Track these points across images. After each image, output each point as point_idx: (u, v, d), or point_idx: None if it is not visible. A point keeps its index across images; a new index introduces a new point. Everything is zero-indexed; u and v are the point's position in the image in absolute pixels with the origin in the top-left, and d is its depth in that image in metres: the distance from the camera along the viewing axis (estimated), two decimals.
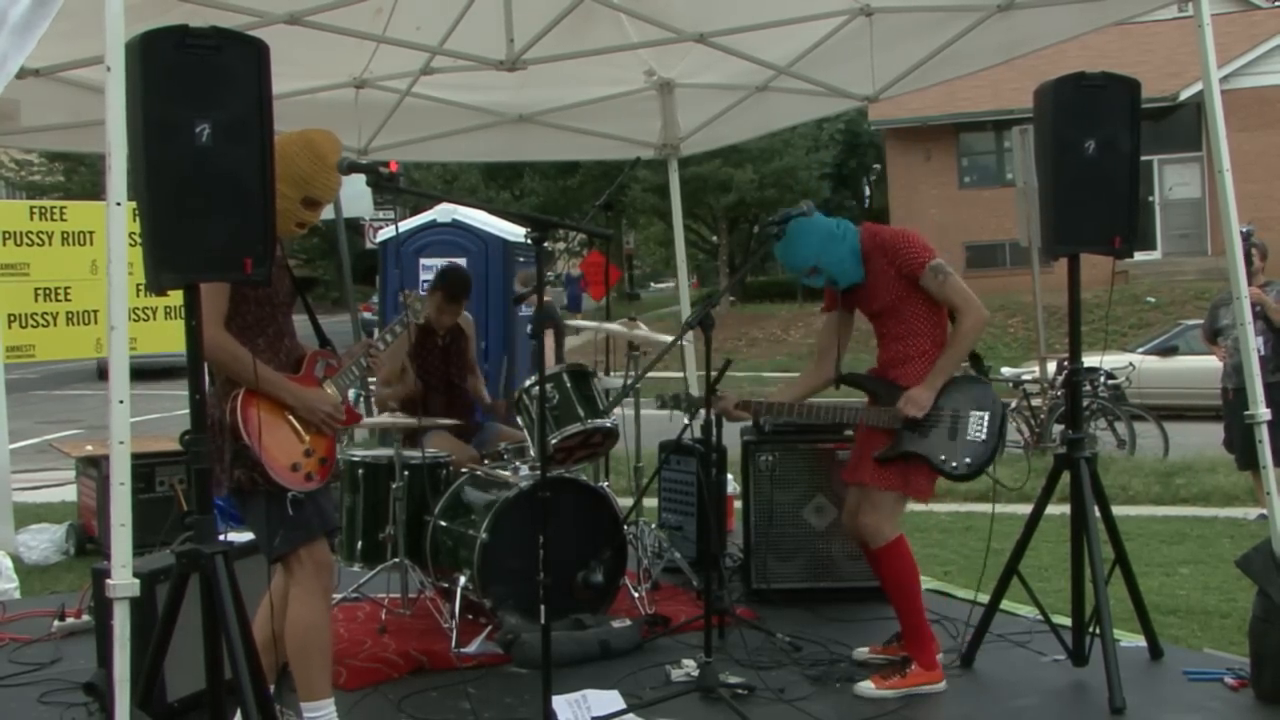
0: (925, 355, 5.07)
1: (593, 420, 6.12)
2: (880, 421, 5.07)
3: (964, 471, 5.02)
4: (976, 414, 5.02)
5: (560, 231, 7.09)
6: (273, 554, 4.21)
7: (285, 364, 4.28)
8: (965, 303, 4.99)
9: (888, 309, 5.11)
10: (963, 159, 31.79)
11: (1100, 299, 19.91)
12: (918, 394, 5.00)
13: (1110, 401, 13.36)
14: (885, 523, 5.07)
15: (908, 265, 5.01)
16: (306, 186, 4.20)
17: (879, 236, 5.14)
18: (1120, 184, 4.95)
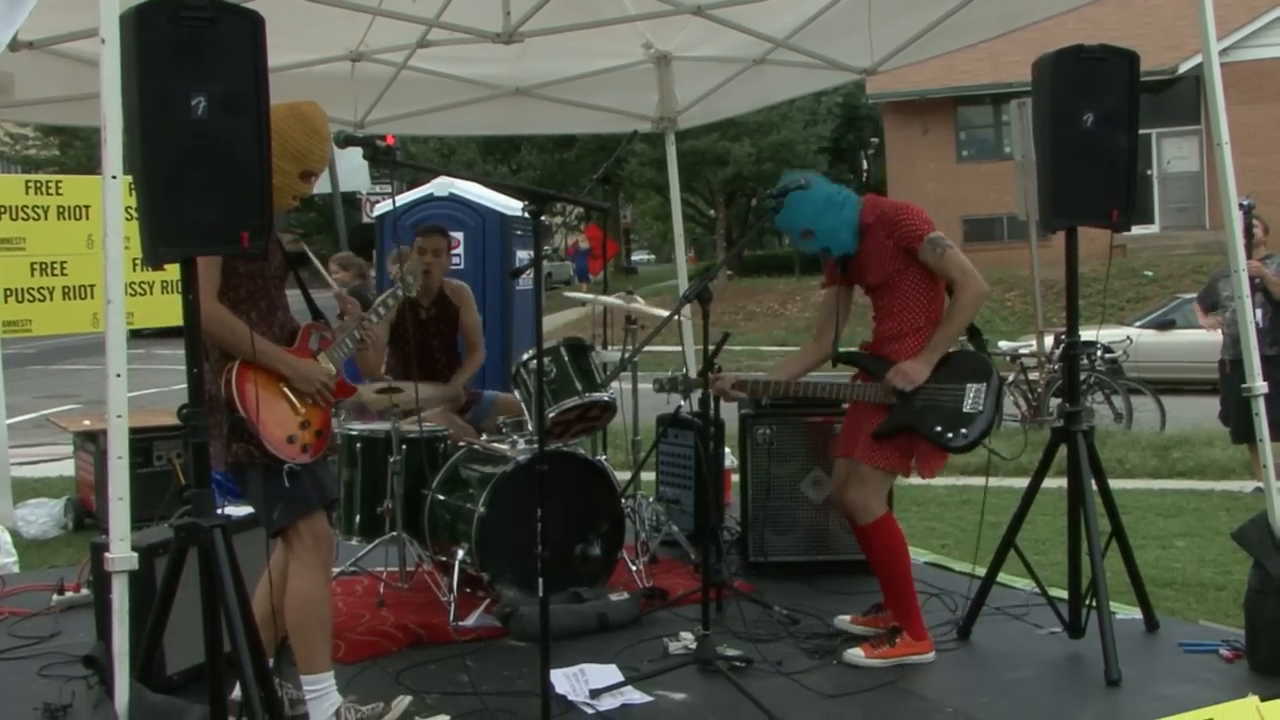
0: (920, 331, 5.06)
1: (590, 394, 6.12)
2: (873, 397, 5.05)
3: (961, 444, 5.01)
4: (974, 386, 5.01)
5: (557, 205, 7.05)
6: (272, 527, 4.21)
7: (279, 338, 4.28)
8: (964, 276, 4.97)
9: (885, 283, 5.10)
10: (961, 132, 31.74)
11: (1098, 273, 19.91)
12: (909, 366, 4.99)
13: (1107, 375, 13.39)
14: (872, 498, 5.07)
15: (906, 237, 5.00)
16: (304, 160, 4.21)
17: (879, 208, 5.13)
18: (1119, 157, 4.94)
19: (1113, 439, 11.79)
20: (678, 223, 8.86)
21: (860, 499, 5.07)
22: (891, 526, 5.11)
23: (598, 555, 5.91)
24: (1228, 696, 4.34)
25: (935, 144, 31.36)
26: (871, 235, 5.09)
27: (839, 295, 5.36)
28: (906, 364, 5.00)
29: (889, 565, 5.12)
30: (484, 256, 11.29)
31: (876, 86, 29.24)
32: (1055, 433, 5.15)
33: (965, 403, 5.00)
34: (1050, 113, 4.91)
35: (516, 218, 11.25)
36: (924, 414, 5.00)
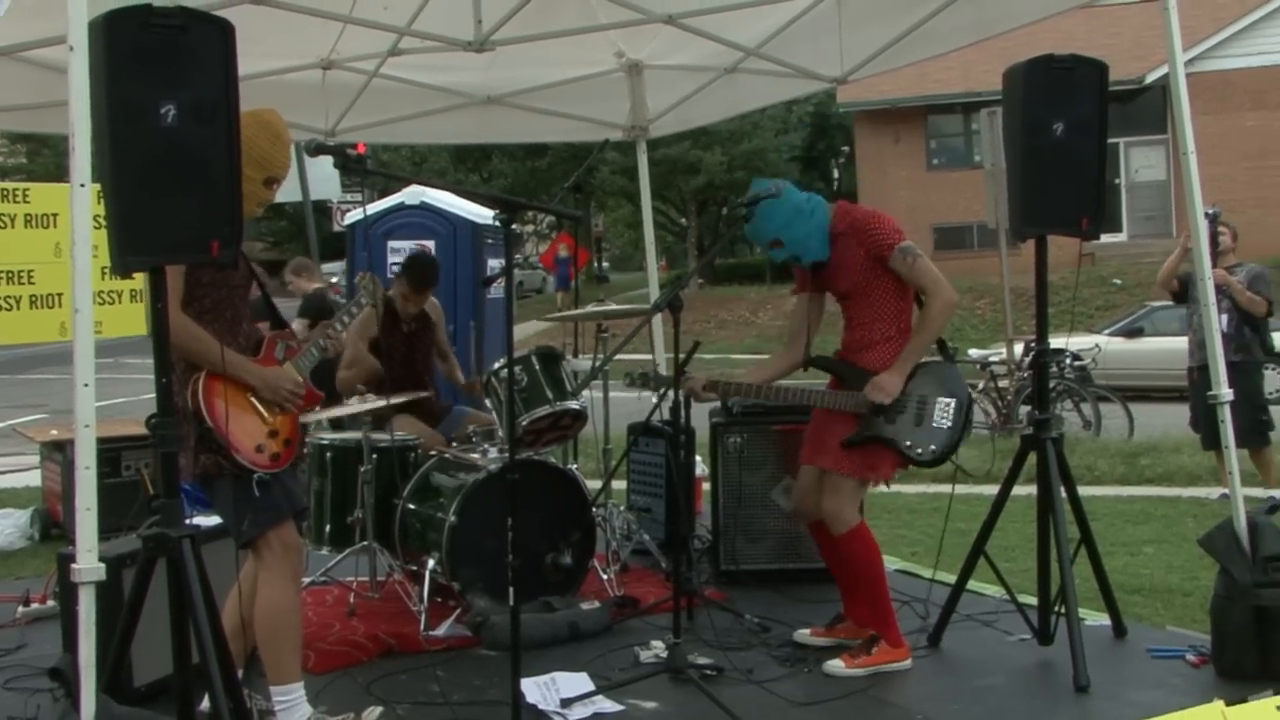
0: (890, 340, 5.07)
1: (561, 402, 6.11)
2: (846, 405, 5.07)
3: (929, 458, 5.04)
4: (943, 400, 5.04)
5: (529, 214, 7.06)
6: (241, 538, 4.20)
7: (244, 348, 4.28)
8: (934, 285, 4.99)
9: (855, 290, 5.11)
10: (931, 141, 31.88)
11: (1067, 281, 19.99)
12: (885, 380, 5.01)
13: (1076, 383, 13.45)
14: (847, 507, 5.07)
15: (877, 246, 5.01)
16: (269, 166, 4.21)
17: (851, 216, 5.13)
18: (1088, 166, 4.97)
19: (1082, 446, 11.85)
20: (649, 231, 8.87)
21: (835, 508, 5.07)
22: (866, 535, 5.12)
23: (569, 564, 5.90)
24: (1194, 701, 4.36)
25: (906, 152, 31.49)
26: (843, 243, 5.10)
27: (810, 302, 5.37)
28: (882, 377, 5.01)
29: (865, 574, 5.13)
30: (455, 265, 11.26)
31: (847, 95, 29.40)
32: (1025, 440, 5.18)
33: (934, 416, 5.03)
34: (1020, 122, 4.94)
35: (488, 226, 11.24)
36: (893, 426, 5.03)
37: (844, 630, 5.39)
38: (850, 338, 5.18)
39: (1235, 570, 4.84)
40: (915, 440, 5.01)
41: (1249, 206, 25.32)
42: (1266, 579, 4.78)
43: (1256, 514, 4.95)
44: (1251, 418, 8.92)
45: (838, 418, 5.11)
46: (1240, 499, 4.92)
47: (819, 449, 5.19)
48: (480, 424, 6.70)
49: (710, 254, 29.80)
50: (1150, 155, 29.52)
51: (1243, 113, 27.70)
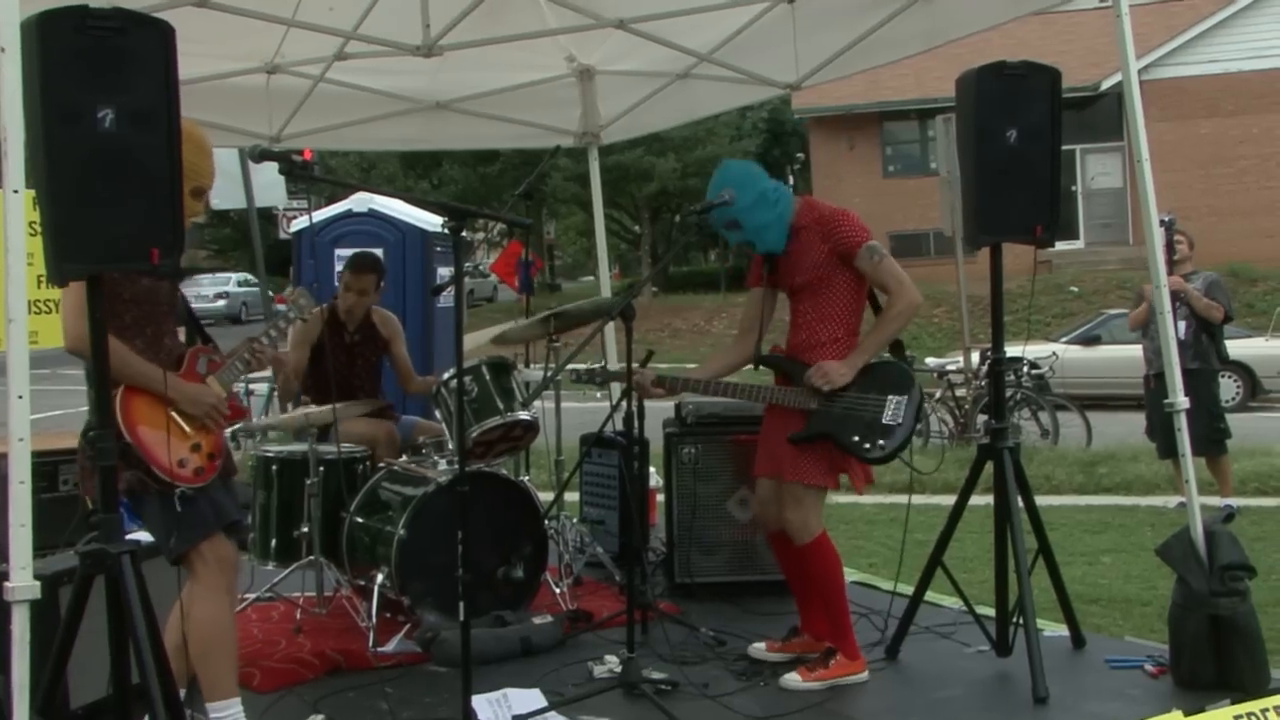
0: (837, 342, 5.07)
1: (512, 413, 6.09)
2: (792, 401, 5.05)
3: (878, 455, 5.03)
4: (895, 398, 5.04)
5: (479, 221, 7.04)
6: (170, 554, 4.16)
7: (166, 364, 4.22)
8: (899, 285, 5.00)
9: (810, 286, 5.09)
10: (887, 148, 32.09)
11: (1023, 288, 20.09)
12: (830, 366, 4.98)
13: (1034, 391, 13.55)
14: (810, 517, 5.06)
15: (844, 242, 5.01)
16: (195, 177, 4.15)
17: (818, 210, 5.14)
18: (1042, 173, 5.01)
19: (1039, 455, 11.93)
20: (601, 239, 8.87)
21: (799, 519, 5.05)
22: (829, 545, 5.12)
23: (521, 578, 5.88)
24: (1153, 711, 4.41)
25: (861, 159, 31.68)
26: (805, 237, 5.10)
27: (764, 297, 5.36)
28: (828, 363, 5.00)
29: (826, 585, 5.13)
30: (404, 273, 11.20)
31: (802, 101, 29.51)
32: (982, 449, 5.21)
33: (885, 414, 5.03)
34: (973, 129, 4.98)
35: (437, 234, 11.18)
36: (842, 422, 5.01)
37: (800, 644, 5.39)
38: (797, 338, 5.17)
39: (1192, 579, 4.88)
40: (864, 436, 5.00)
41: (1203, 214, 25.68)
42: (1223, 588, 4.82)
43: (1213, 522, 4.99)
44: (1208, 425, 9.02)
45: (786, 421, 5.10)
46: (1197, 507, 4.97)
47: (776, 460, 5.18)
48: (430, 435, 6.66)
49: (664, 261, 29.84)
50: (1106, 162, 29.84)
51: (1196, 120, 28.08)
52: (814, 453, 5.05)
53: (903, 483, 9.89)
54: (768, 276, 5.29)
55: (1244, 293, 24.25)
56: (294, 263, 11.93)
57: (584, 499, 7.45)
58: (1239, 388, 17.12)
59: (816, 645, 5.30)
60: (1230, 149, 28.11)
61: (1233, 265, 24.09)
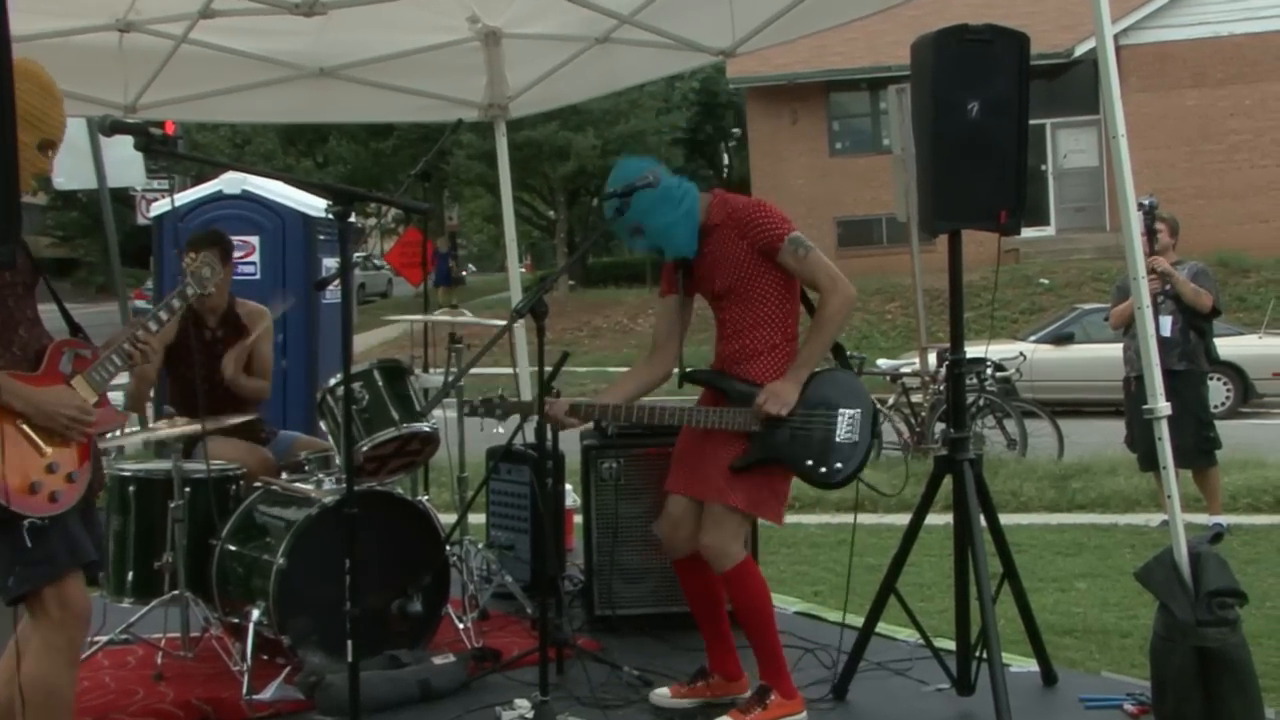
0: (775, 349, 5.10)
1: (408, 424, 6.07)
2: (734, 424, 5.06)
3: (837, 479, 5.06)
4: (847, 412, 5.06)
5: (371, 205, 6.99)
6: (7, 594, 3.94)
7: (21, 359, 4.01)
8: (830, 281, 5.01)
9: (733, 291, 5.12)
10: (834, 122, 32.32)
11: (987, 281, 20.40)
12: (781, 388, 5.01)
13: (999, 396, 13.68)
14: (731, 541, 5.06)
15: (764, 237, 5.03)
16: (42, 125, 3.98)
17: (730, 205, 5.16)
18: (1007, 151, 5.08)
19: (1005, 468, 12.07)
20: (510, 225, 8.85)
21: (719, 543, 5.05)
22: (754, 572, 5.15)
23: (419, 612, 5.86)
24: None
25: (805, 135, 31.88)
26: (719, 236, 5.12)
27: (679, 305, 5.37)
28: (777, 385, 5.02)
29: (753, 616, 5.15)
30: (284, 265, 11.13)
31: (738, 70, 29.66)
32: (940, 462, 5.26)
33: (838, 430, 5.05)
34: (931, 101, 5.03)
35: (322, 220, 11.12)
36: (792, 444, 5.03)
37: (711, 687, 5.40)
38: (728, 348, 5.19)
39: (1176, 607, 4.95)
40: (820, 458, 5.03)
41: (1189, 196, 26.11)
42: (1210, 617, 4.88)
43: (1199, 543, 5.05)
44: (1195, 434, 9.12)
45: (718, 439, 5.10)
46: (1181, 526, 5.04)
47: (696, 477, 5.17)
48: (314, 450, 6.63)
49: (581, 251, 29.84)
50: (1080, 138, 30.20)
51: (1182, 90, 28.44)
52: (752, 477, 5.06)
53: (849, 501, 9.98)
54: (682, 282, 5.30)
55: (1234, 285, 24.64)
56: (154, 253, 11.81)
57: (491, 521, 7.44)
58: (1229, 391, 17.40)
59: (729, 686, 5.35)
60: (1219, 123, 28.49)
61: (1221, 254, 24.46)
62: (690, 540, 5.20)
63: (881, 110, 28.73)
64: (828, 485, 5.14)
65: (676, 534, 5.30)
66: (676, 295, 5.34)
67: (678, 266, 5.27)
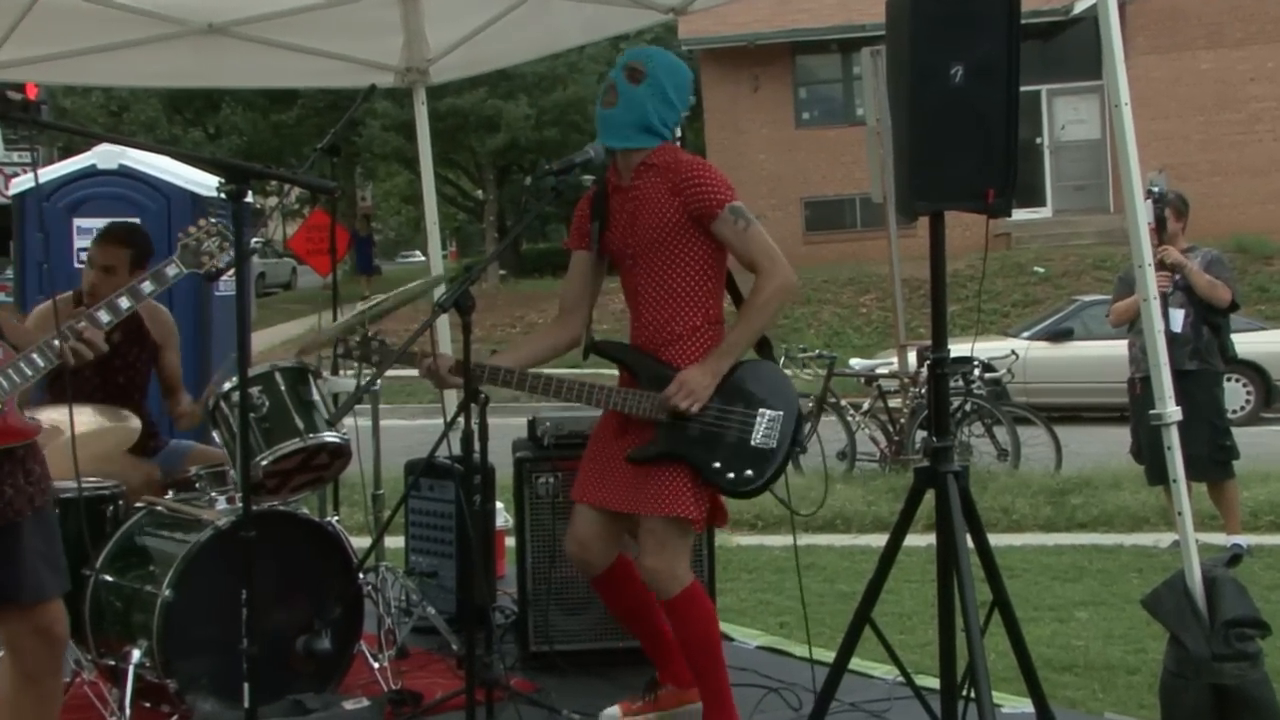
0: (698, 333, 5.10)
1: (314, 434, 6.06)
2: (640, 408, 5.06)
3: (746, 488, 5.06)
4: (768, 413, 5.06)
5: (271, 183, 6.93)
6: None
7: None
8: (771, 262, 5.02)
9: (650, 253, 5.11)
10: (800, 90, 32.39)
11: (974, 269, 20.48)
12: (694, 377, 4.99)
13: (987, 400, 13.75)
14: (678, 561, 5.07)
15: (700, 200, 5.02)
16: None
17: (673, 154, 5.18)
18: (995, 121, 5.09)
19: (995, 482, 12.13)
20: (431, 207, 8.83)
21: (663, 566, 5.05)
22: (702, 597, 5.17)
23: (327, 649, 5.85)
24: None
25: (768, 104, 31.94)
26: (650, 182, 5.12)
27: (593, 264, 5.37)
28: (691, 373, 5.00)
29: (700, 648, 5.16)
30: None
31: (691, 29, 29.68)
32: (921, 474, 5.26)
33: (755, 433, 5.06)
34: (908, 64, 5.04)
35: (213, 200, 11.07)
36: (700, 442, 5.03)
37: (666, 698, 5.44)
38: (644, 330, 5.18)
39: (1188, 639, 4.99)
40: (728, 462, 5.02)
41: (1203, 172, 26.32)
42: (1227, 650, 4.92)
43: (1214, 567, 5.09)
44: (1210, 442, 9.17)
45: (639, 430, 5.12)
46: (1194, 547, 5.08)
47: (614, 486, 5.17)
48: (206, 463, 6.60)
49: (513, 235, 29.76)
50: (1081, 107, 30.36)
51: (1195, 51, 28.59)
52: (675, 476, 5.04)
53: (820, 519, 10.03)
54: (599, 234, 5.28)
55: (1254, 273, 24.81)
56: (15, 235, 11.71)
57: (411, 545, 7.43)
58: (1249, 394, 17.53)
59: (682, 696, 5.40)
60: (1238, 89, 28.63)
61: (1239, 238, 24.67)
62: (604, 556, 5.28)
63: (855, 76, 28.76)
64: (734, 493, 5.13)
65: (588, 552, 5.34)
66: (590, 252, 5.34)
67: (593, 215, 5.27)
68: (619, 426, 5.20)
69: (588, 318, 5.34)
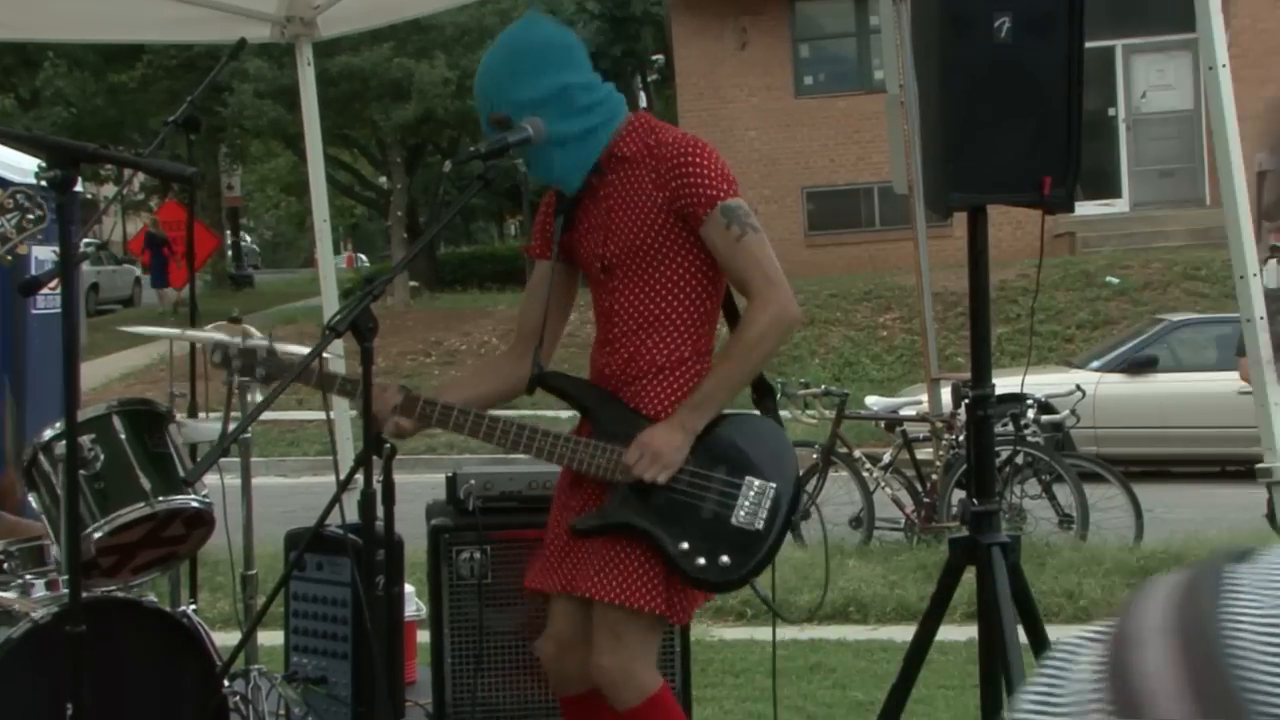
0: (682, 368, 5.01)
1: (166, 497, 6.06)
2: (592, 466, 4.98)
3: (718, 578, 4.96)
4: (758, 484, 4.97)
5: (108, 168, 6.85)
6: None
7: None
8: (766, 284, 4.89)
9: (632, 262, 5.02)
10: (801, 46, 32.49)
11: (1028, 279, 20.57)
12: (663, 440, 4.87)
13: (1046, 451, 13.77)
14: (636, 661, 5.00)
15: (687, 193, 4.89)
16: None
17: (656, 135, 5.04)
18: (1052, 90, 5.13)
19: (1057, 557, 12.15)
20: (320, 198, 8.84)
21: (619, 665, 4.97)
22: (671, 705, 5.14)
23: None
24: None
25: (759, 65, 32.02)
26: (626, 175, 5.04)
27: (557, 277, 5.27)
28: (656, 435, 4.90)
29: None
30: None
31: None
32: (958, 547, 5.28)
33: (738, 509, 4.96)
34: (941, 15, 5.08)
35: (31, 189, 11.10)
36: (665, 514, 4.94)
37: None
38: (612, 360, 5.10)
39: None
40: (699, 543, 4.91)
41: None
42: None
43: None
44: None
45: (585, 493, 5.08)
46: None
47: (576, 559, 5.09)
48: (19, 537, 6.59)
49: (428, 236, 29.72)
50: (1168, 68, 30.49)
51: None
52: (633, 553, 4.94)
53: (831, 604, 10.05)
54: (562, 238, 5.20)
55: None
56: None
57: (293, 642, 7.43)
58: None
59: None
60: None
61: None
62: (586, 665, 5.11)
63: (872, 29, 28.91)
64: (703, 584, 5.02)
65: (566, 659, 5.26)
66: (552, 261, 5.25)
67: (558, 211, 5.21)
68: (572, 481, 5.16)
69: (551, 342, 5.26)
